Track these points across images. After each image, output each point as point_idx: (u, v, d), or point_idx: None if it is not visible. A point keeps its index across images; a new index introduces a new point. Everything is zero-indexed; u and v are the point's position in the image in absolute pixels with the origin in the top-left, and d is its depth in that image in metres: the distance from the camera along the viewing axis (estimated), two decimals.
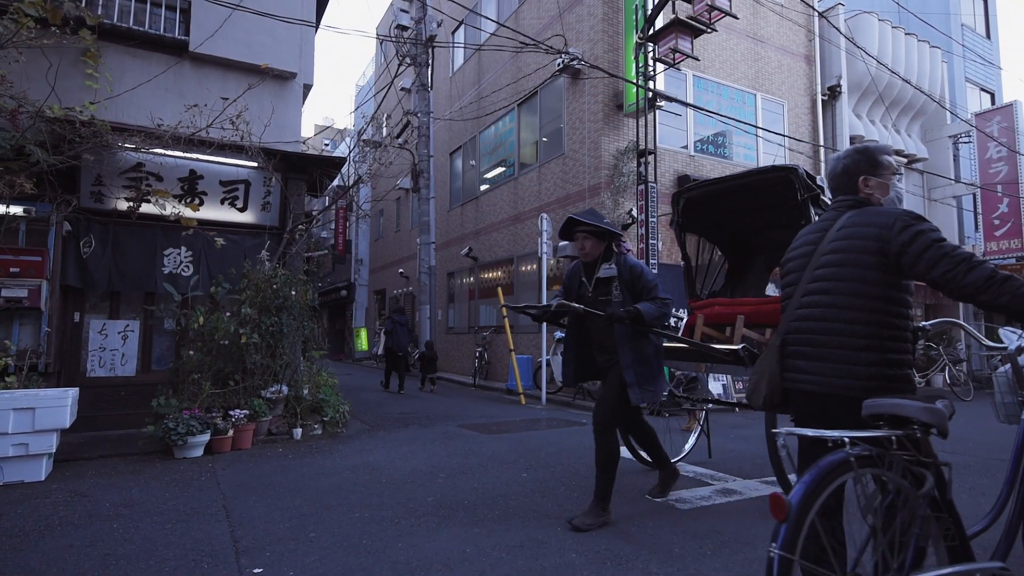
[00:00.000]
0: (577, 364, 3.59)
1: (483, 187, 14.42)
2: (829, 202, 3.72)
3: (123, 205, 6.10)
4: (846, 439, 1.47)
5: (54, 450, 4.43)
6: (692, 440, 4.91)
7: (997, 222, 14.40)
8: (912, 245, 1.72)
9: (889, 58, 13.53)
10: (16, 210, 5.57)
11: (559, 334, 10.10)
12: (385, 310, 20.77)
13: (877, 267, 1.78)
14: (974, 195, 15.32)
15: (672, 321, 6.84)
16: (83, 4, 5.77)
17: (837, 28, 12.56)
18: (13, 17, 4.84)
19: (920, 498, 1.51)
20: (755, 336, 4.04)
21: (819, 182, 3.87)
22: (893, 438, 1.53)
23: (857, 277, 1.80)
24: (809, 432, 1.52)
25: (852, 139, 13.26)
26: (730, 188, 4.24)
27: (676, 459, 4.54)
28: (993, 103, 17.33)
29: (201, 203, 6.52)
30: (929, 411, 1.51)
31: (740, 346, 3.45)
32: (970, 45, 17.03)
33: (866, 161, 1.97)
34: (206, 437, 5.16)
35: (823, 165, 12.83)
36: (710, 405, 4.65)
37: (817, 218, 3.39)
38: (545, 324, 9.76)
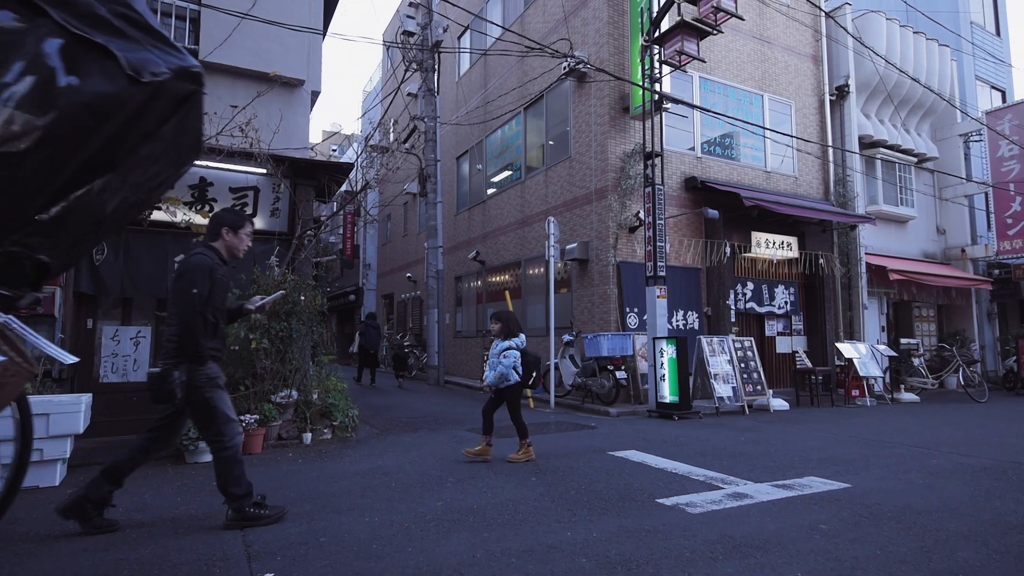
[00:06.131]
0: None
1: (490, 191, 14.44)
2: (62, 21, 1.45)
3: None
4: None
5: (68, 455, 4.48)
6: None
7: (1010, 221, 14.24)
8: None
9: (897, 57, 13.43)
10: None
11: (567, 337, 10.09)
12: (393, 314, 21.24)
13: None
14: (986, 194, 15.16)
15: None
16: None
17: (844, 28, 12.49)
18: None
19: None
20: None
21: None
22: None
23: None
24: None
25: (860, 139, 13.17)
26: None
27: None
28: (1004, 101, 17.17)
29: (211, 210, 6.58)
30: None
31: None
32: (980, 43, 16.88)
33: None
34: None
35: (832, 165, 12.76)
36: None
37: None
38: (553, 327, 9.81)
